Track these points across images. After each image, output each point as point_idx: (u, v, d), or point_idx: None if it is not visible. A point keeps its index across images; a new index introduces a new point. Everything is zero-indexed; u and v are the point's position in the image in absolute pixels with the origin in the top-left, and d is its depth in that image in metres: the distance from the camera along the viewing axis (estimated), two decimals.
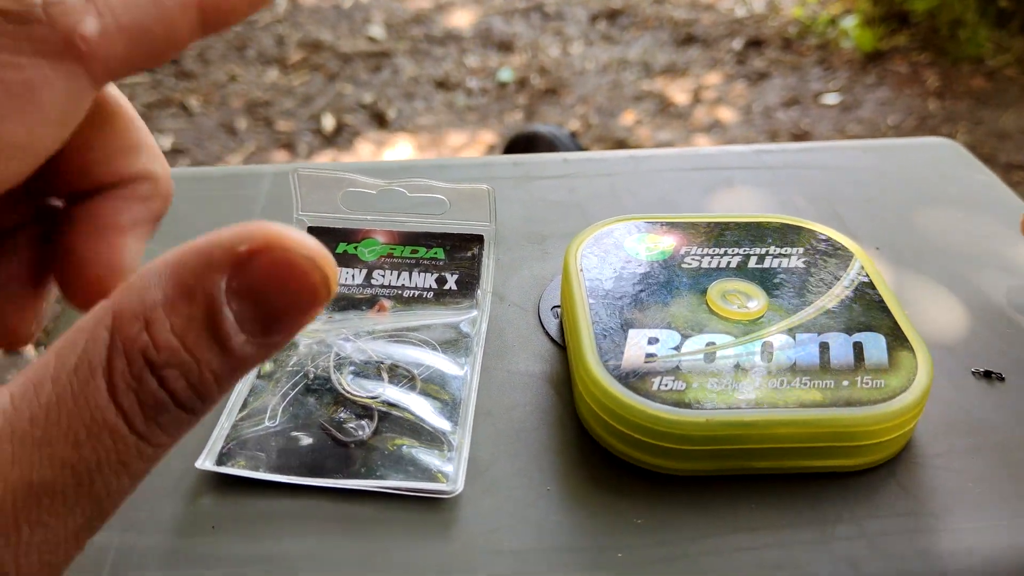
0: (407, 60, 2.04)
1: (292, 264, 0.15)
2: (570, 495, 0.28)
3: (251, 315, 0.15)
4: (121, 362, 0.15)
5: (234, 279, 0.15)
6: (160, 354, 0.15)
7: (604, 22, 2.23)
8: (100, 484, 0.15)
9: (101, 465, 0.15)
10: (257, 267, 0.15)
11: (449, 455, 0.28)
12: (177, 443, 0.15)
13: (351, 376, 0.31)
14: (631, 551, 0.26)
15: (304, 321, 0.15)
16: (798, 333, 0.30)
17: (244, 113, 1.83)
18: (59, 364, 0.15)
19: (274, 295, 0.15)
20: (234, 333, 0.15)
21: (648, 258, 0.33)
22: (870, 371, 0.29)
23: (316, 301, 0.15)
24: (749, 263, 0.33)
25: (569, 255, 0.33)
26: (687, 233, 0.34)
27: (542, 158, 0.44)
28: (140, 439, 0.15)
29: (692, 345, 0.29)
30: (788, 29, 2.20)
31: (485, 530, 0.27)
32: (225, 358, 0.15)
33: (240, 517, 0.27)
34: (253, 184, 0.41)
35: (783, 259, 0.33)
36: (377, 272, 0.35)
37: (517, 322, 0.34)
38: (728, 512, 0.27)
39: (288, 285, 0.15)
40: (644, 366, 0.28)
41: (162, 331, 0.15)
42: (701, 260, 0.33)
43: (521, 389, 0.32)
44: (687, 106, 1.93)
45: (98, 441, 0.15)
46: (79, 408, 0.15)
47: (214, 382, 0.15)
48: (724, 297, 0.31)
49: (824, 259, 0.33)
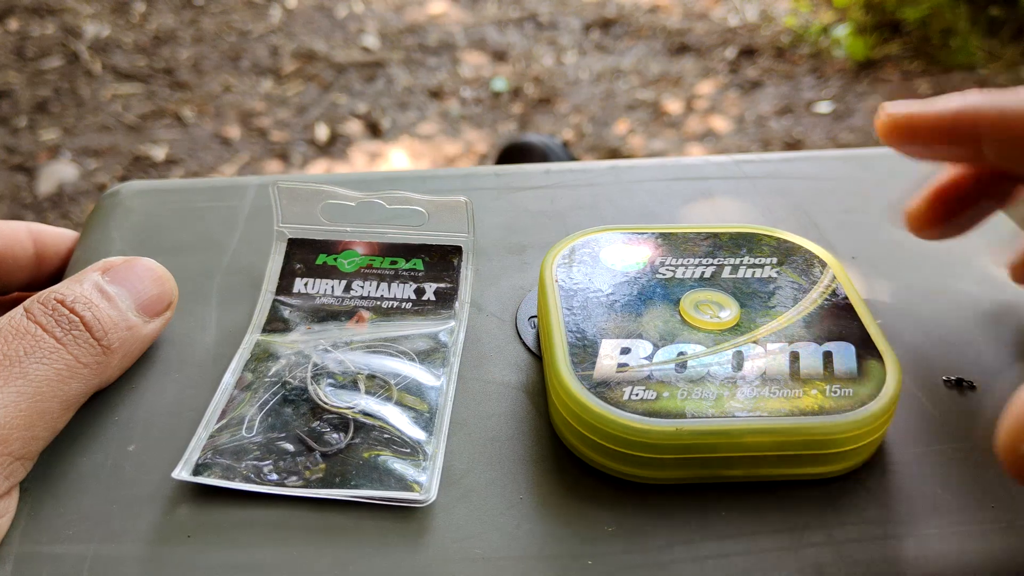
0: (401, 70, 2.04)
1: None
2: (543, 503, 0.28)
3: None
4: (37, 304, 0.28)
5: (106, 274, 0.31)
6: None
7: (598, 31, 2.24)
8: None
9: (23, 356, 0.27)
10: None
11: (424, 464, 0.29)
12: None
13: (328, 387, 0.31)
14: (602, 559, 0.26)
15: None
16: (768, 343, 0.30)
17: (238, 123, 1.83)
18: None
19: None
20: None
21: (623, 268, 0.34)
22: (839, 380, 0.29)
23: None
24: (723, 273, 0.34)
25: (545, 266, 0.34)
26: (662, 244, 0.35)
27: (524, 169, 0.44)
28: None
29: (664, 355, 0.30)
30: (781, 38, 2.21)
31: (458, 538, 0.27)
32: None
33: (216, 526, 0.27)
34: (238, 196, 0.41)
35: (757, 269, 0.34)
36: (356, 283, 0.35)
37: (495, 332, 0.35)
38: (698, 520, 0.28)
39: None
40: (616, 376, 0.29)
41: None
42: (675, 270, 0.34)
43: (497, 399, 0.32)
44: (680, 115, 1.94)
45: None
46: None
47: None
48: (697, 307, 0.32)
49: (798, 269, 0.34)
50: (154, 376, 0.32)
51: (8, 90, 1.91)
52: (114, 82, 1.96)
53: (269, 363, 0.32)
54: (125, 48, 2.08)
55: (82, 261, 0.37)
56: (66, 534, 0.27)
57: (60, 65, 2.01)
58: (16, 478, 0.26)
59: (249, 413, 0.30)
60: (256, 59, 2.07)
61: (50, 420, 0.27)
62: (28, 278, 0.36)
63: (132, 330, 0.30)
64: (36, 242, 0.36)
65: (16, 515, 0.27)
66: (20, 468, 0.26)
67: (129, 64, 2.02)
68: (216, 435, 0.29)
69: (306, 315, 0.34)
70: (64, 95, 1.91)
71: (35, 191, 1.64)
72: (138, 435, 0.30)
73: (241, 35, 2.15)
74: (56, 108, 1.86)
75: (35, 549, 0.26)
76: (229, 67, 2.04)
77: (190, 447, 0.29)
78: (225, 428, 0.30)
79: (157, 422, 0.30)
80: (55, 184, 1.66)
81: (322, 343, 0.33)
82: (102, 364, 0.29)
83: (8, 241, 0.34)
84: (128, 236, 0.39)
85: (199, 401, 0.31)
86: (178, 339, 0.34)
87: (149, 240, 0.39)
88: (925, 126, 0.32)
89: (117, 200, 0.41)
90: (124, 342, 0.30)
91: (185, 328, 0.34)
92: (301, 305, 0.35)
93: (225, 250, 0.38)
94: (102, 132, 1.80)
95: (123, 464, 0.29)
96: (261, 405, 0.30)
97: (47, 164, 1.71)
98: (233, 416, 0.30)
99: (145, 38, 2.12)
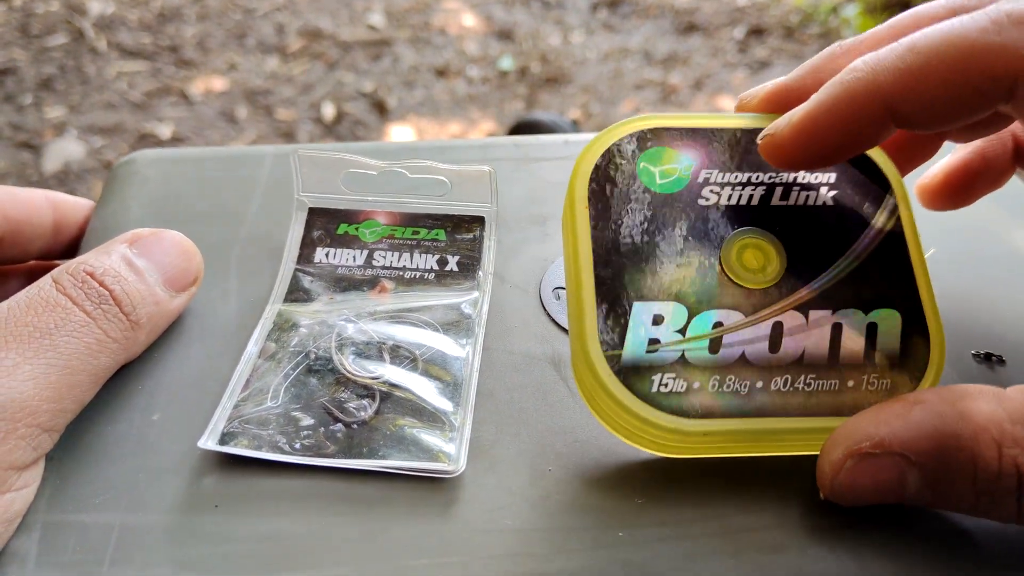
0: (407, 48, 2.03)
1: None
2: (571, 475, 0.28)
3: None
4: (66, 276, 0.28)
5: (134, 246, 0.31)
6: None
7: (605, 11, 2.22)
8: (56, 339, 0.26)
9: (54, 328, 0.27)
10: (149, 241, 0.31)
11: (451, 435, 0.28)
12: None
13: (352, 357, 0.31)
14: (632, 531, 0.26)
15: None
16: (811, 310, 0.28)
17: (244, 101, 1.82)
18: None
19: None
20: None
21: (661, 188, 0.29)
22: (879, 368, 0.28)
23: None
24: (773, 198, 0.30)
25: (575, 190, 0.29)
26: (710, 146, 0.30)
27: (543, 139, 0.43)
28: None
29: (698, 327, 0.28)
30: (790, 18, 2.19)
31: (487, 509, 0.27)
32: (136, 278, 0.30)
33: (242, 496, 0.27)
34: (254, 165, 0.41)
35: (810, 192, 0.30)
36: (378, 253, 0.35)
37: (518, 303, 0.34)
38: (730, 493, 0.27)
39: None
40: (646, 357, 0.27)
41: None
42: (721, 193, 0.29)
43: (523, 370, 0.32)
44: (688, 95, 1.92)
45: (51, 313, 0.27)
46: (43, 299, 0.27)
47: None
48: (740, 258, 0.29)
49: (856, 192, 0.30)
50: (177, 346, 0.32)
51: (13, 67, 1.90)
52: (119, 59, 1.94)
53: (292, 333, 0.32)
54: (130, 25, 2.06)
55: (99, 230, 0.36)
56: (92, 503, 0.26)
57: (65, 42, 2.00)
58: (43, 449, 0.26)
59: (273, 383, 0.30)
60: (262, 37, 2.06)
61: (78, 393, 0.27)
62: (46, 246, 0.35)
63: (159, 305, 0.30)
64: (55, 210, 0.35)
65: (42, 484, 0.27)
66: (47, 440, 0.26)
67: (134, 42, 2.00)
68: (241, 405, 0.29)
69: (328, 285, 0.34)
70: (69, 73, 1.89)
71: (41, 169, 1.63)
72: (162, 405, 0.30)
73: (246, 12, 2.13)
74: (61, 86, 1.85)
75: (62, 518, 0.26)
76: (235, 45, 2.02)
77: (215, 417, 0.29)
78: (249, 398, 0.29)
79: (180, 392, 0.30)
80: (61, 162, 1.65)
81: (345, 313, 0.33)
82: (130, 339, 0.29)
83: (28, 209, 0.34)
84: (145, 205, 0.38)
85: (222, 371, 0.31)
86: (200, 309, 0.33)
87: (166, 209, 0.38)
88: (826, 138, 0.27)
89: (133, 169, 0.40)
90: (152, 317, 0.30)
91: (206, 298, 0.34)
92: (322, 275, 0.34)
93: (243, 219, 0.37)
94: (108, 110, 1.79)
95: (148, 433, 0.29)
96: (285, 375, 0.30)
97: (53, 142, 1.70)
98: (257, 386, 0.30)
99: (150, 15, 2.10)
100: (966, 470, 0.24)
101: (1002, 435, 0.23)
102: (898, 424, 0.25)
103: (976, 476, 0.23)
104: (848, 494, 0.25)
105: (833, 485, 0.25)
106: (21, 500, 0.25)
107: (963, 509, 0.25)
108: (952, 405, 0.24)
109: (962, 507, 0.25)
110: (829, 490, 0.26)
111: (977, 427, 0.24)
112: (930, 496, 0.25)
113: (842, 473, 0.25)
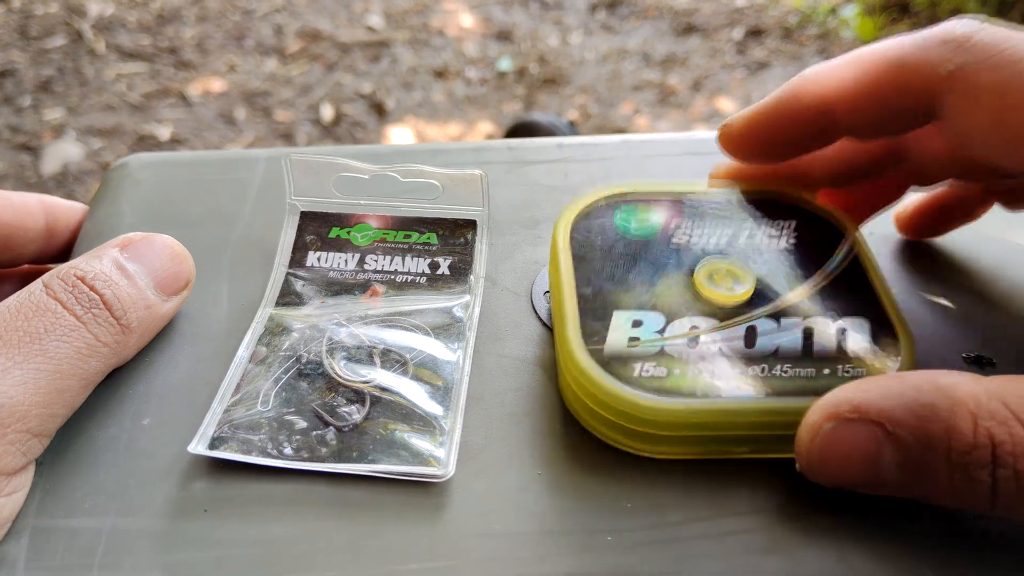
0: (406, 50, 2.03)
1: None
2: (560, 479, 0.28)
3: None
4: (57, 280, 0.28)
5: (125, 250, 0.31)
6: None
7: (604, 12, 2.22)
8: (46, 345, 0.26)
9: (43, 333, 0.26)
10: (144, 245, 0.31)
11: (441, 439, 0.28)
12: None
13: (343, 361, 0.31)
14: (621, 535, 0.26)
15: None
16: (783, 318, 0.30)
17: (243, 103, 1.82)
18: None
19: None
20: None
21: (637, 234, 0.33)
22: (852, 359, 0.29)
23: None
24: (739, 240, 0.33)
25: (558, 232, 0.33)
26: (678, 207, 0.34)
27: (536, 143, 0.43)
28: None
29: (676, 329, 0.29)
30: (788, 19, 2.19)
31: (476, 513, 0.27)
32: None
33: (232, 501, 0.27)
34: (247, 168, 0.41)
35: (774, 239, 0.33)
36: (370, 257, 0.35)
37: (510, 307, 0.34)
38: (717, 496, 0.27)
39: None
40: (627, 350, 0.28)
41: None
42: (691, 236, 0.33)
43: (513, 374, 0.32)
44: (687, 96, 1.92)
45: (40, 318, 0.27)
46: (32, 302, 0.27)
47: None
48: (711, 278, 0.31)
49: (816, 238, 0.33)
50: (167, 349, 0.32)
51: (12, 69, 1.90)
52: (118, 61, 1.95)
53: (283, 337, 0.32)
54: (129, 27, 2.07)
55: (92, 234, 0.36)
56: (82, 508, 0.26)
57: (64, 44, 2.00)
58: (33, 454, 0.26)
59: (264, 387, 0.30)
60: (260, 38, 2.06)
61: (68, 398, 0.27)
62: (38, 250, 0.35)
63: (150, 309, 0.30)
64: (48, 214, 0.35)
65: (31, 489, 0.27)
66: (37, 444, 0.26)
67: (133, 43, 2.01)
68: (231, 409, 0.29)
69: (319, 289, 0.34)
70: (68, 74, 1.90)
71: (40, 171, 1.64)
72: (152, 409, 0.30)
73: (245, 14, 2.14)
74: (60, 87, 1.86)
75: (51, 523, 0.26)
76: (233, 46, 2.02)
77: (205, 421, 0.29)
78: (240, 402, 0.29)
79: (171, 396, 0.30)
80: (60, 164, 1.65)
81: (336, 317, 0.33)
82: (121, 343, 0.29)
83: (20, 213, 0.34)
84: (138, 209, 0.38)
85: (213, 375, 0.31)
86: (191, 312, 0.33)
87: (159, 213, 0.38)
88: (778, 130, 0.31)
89: (126, 172, 0.40)
90: (142, 321, 0.30)
91: (197, 301, 0.34)
92: (314, 278, 0.34)
93: (235, 223, 0.38)
94: (106, 112, 1.79)
95: (138, 438, 0.29)
96: (276, 379, 0.30)
97: (51, 144, 1.70)
98: (248, 390, 0.30)
99: (149, 17, 2.11)
100: (940, 441, 0.23)
101: (978, 407, 0.23)
102: (877, 393, 0.25)
103: (950, 448, 0.23)
104: (822, 467, 0.25)
105: (810, 452, 0.25)
106: (10, 505, 0.26)
107: (939, 493, 0.24)
108: (932, 381, 0.24)
109: (938, 490, 0.24)
110: (805, 458, 0.26)
111: (955, 400, 0.24)
112: (904, 476, 0.24)
113: (818, 438, 0.25)
